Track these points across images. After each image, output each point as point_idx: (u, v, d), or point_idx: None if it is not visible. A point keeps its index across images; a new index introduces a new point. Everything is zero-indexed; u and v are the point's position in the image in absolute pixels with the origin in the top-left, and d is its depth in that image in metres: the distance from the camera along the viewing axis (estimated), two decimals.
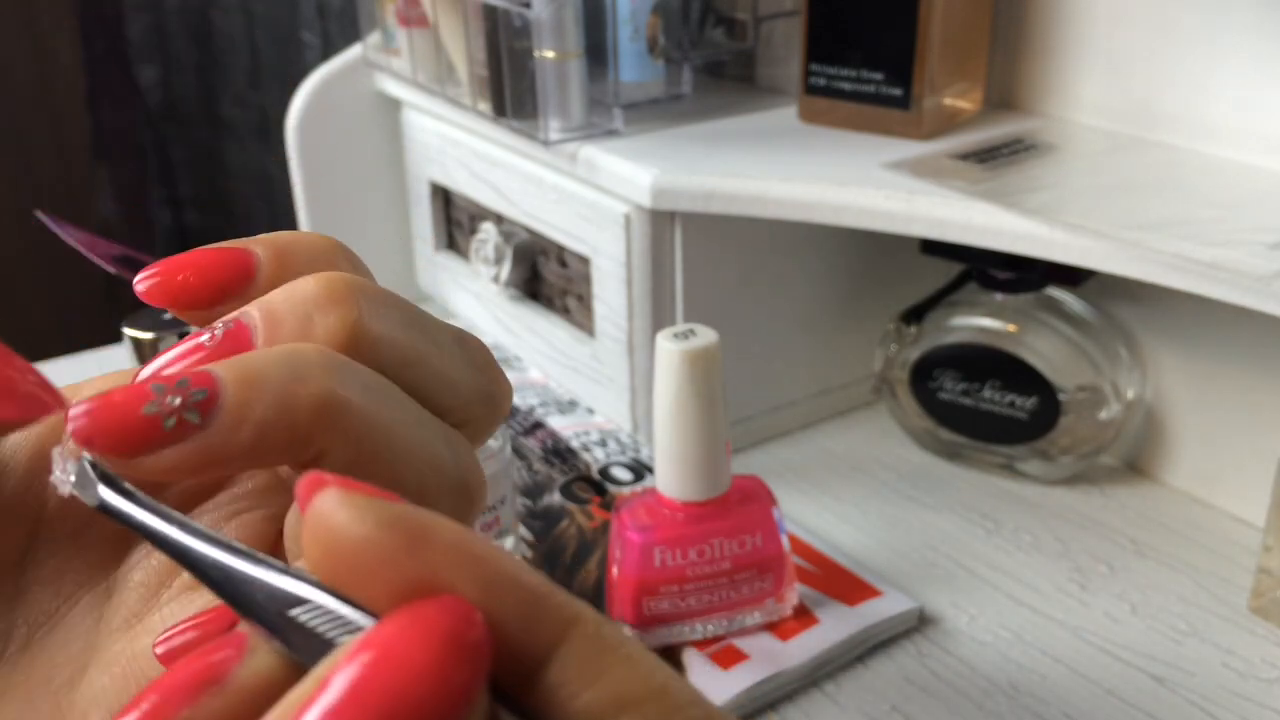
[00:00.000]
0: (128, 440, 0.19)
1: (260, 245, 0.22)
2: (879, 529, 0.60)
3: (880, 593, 0.53)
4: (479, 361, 0.23)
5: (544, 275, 0.71)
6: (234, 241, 0.22)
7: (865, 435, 0.68)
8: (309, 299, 0.20)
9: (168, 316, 0.53)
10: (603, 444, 0.65)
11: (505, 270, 0.72)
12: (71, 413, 0.19)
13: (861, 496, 0.62)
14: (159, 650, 0.19)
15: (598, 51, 0.63)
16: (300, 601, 0.17)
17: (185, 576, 0.22)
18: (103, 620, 0.22)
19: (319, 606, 0.16)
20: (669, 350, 0.46)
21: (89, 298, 1.54)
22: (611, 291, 0.63)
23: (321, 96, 0.79)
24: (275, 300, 0.21)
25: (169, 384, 0.19)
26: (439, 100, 0.72)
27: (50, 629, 0.21)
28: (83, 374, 0.47)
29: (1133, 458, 0.64)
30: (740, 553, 0.49)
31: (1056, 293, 0.61)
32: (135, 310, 0.54)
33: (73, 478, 0.19)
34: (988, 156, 0.58)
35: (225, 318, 0.21)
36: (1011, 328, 0.60)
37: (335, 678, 0.15)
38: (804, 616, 0.51)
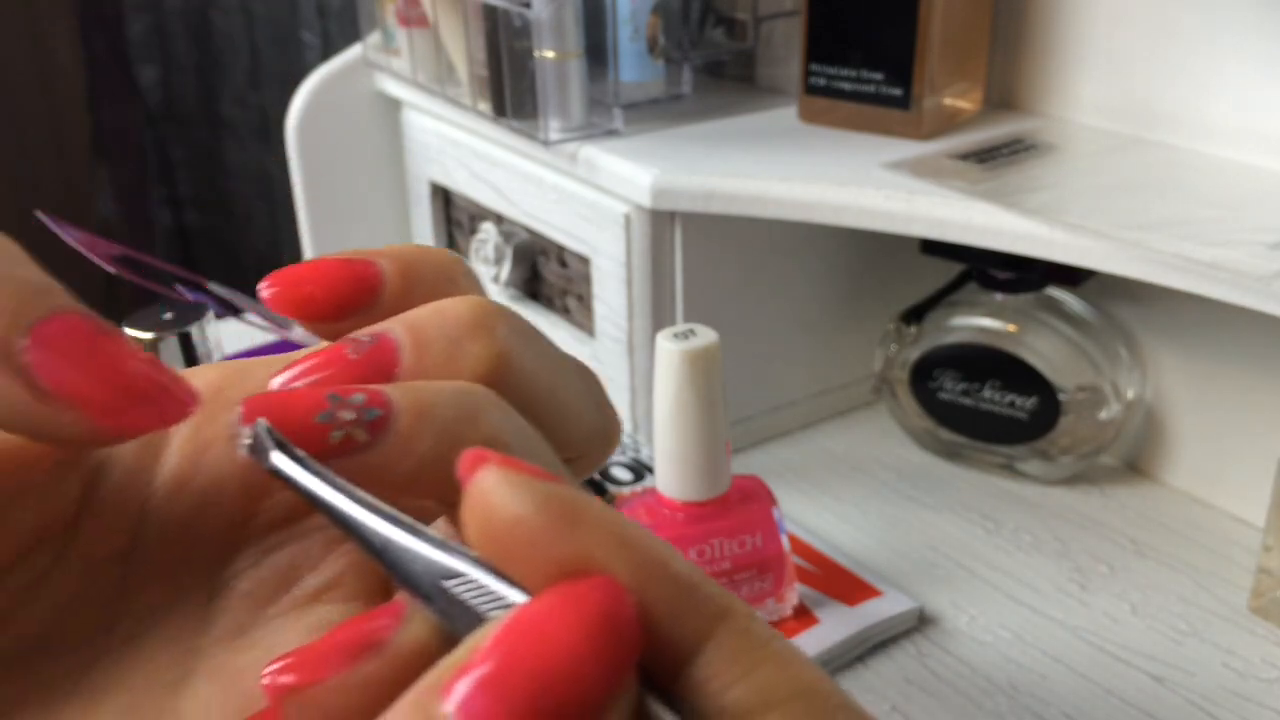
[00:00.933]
0: (293, 442, 0.19)
1: (386, 259, 0.22)
2: (879, 529, 0.60)
3: (880, 593, 0.53)
4: (599, 398, 0.23)
5: (544, 275, 0.71)
6: (358, 252, 0.22)
7: (865, 435, 0.68)
8: (458, 324, 0.21)
9: (167, 317, 0.53)
10: None
11: (505, 270, 0.72)
12: (247, 403, 0.19)
13: (861, 496, 0.62)
14: (265, 682, 0.19)
15: (598, 51, 0.63)
16: (455, 574, 0.17)
17: (294, 593, 0.22)
18: (205, 626, 0.21)
19: (472, 580, 0.17)
20: (669, 350, 0.46)
21: (89, 298, 1.53)
22: (611, 291, 0.63)
23: (321, 96, 0.79)
24: (423, 321, 0.21)
25: (344, 396, 0.19)
26: (439, 100, 0.72)
27: (152, 628, 0.21)
28: None
29: (1133, 458, 0.64)
30: (740, 553, 0.49)
31: (1056, 293, 0.61)
32: (135, 310, 0.54)
33: (248, 441, 0.19)
34: (988, 156, 0.58)
35: (368, 330, 0.21)
36: (1011, 328, 0.60)
37: (489, 650, 0.15)
38: (804, 616, 0.51)
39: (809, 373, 0.69)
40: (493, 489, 0.16)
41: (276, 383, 0.21)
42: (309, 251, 0.82)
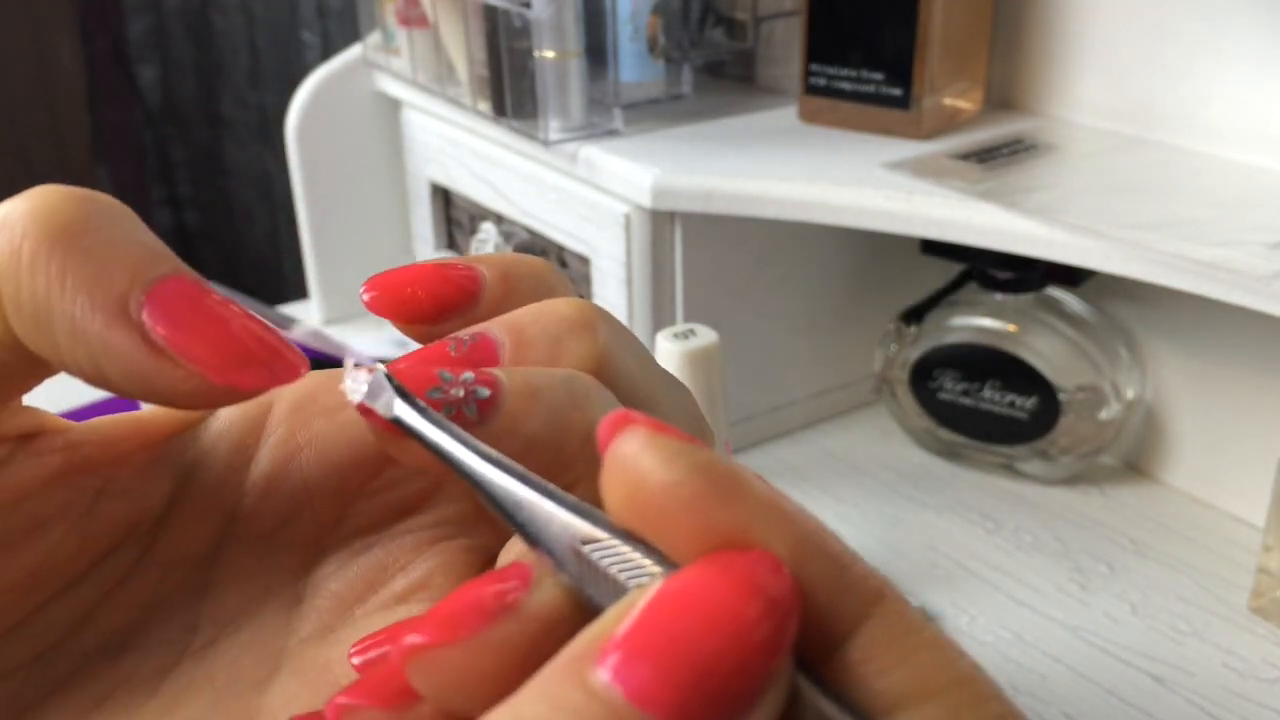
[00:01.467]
0: None
1: (486, 265, 0.22)
2: (879, 529, 0.60)
3: None
4: (692, 410, 0.23)
5: None
6: (459, 259, 0.22)
7: (865, 435, 0.68)
8: (560, 323, 0.20)
9: None
10: None
11: None
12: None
13: (861, 496, 0.62)
14: (355, 660, 0.19)
15: (598, 51, 0.63)
16: (594, 539, 0.16)
17: (382, 594, 0.22)
18: (290, 627, 0.21)
19: (612, 546, 0.16)
20: (669, 350, 0.46)
21: None
22: (611, 291, 0.63)
23: (321, 96, 0.79)
24: (523, 320, 0.21)
25: (455, 374, 0.19)
26: (439, 100, 0.72)
27: (236, 629, 0.21)
28: None
29: (1133, 458, 0.64)
30: None
31: (1056, 293, 0.61)
32: None
33: (365, 387, 0.18)
34: (988, 156, 0.58)
35: (469, 330, 0.21)
36: (1011, 328, 0.60)
37: (646, 617, 0.14)
38: None
39: (809, 373, 0.69)
40: (639, 454, 0.15)
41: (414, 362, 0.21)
42: (309, 252, 0.82)
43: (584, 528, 0.16)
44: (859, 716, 0.15)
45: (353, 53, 0.79)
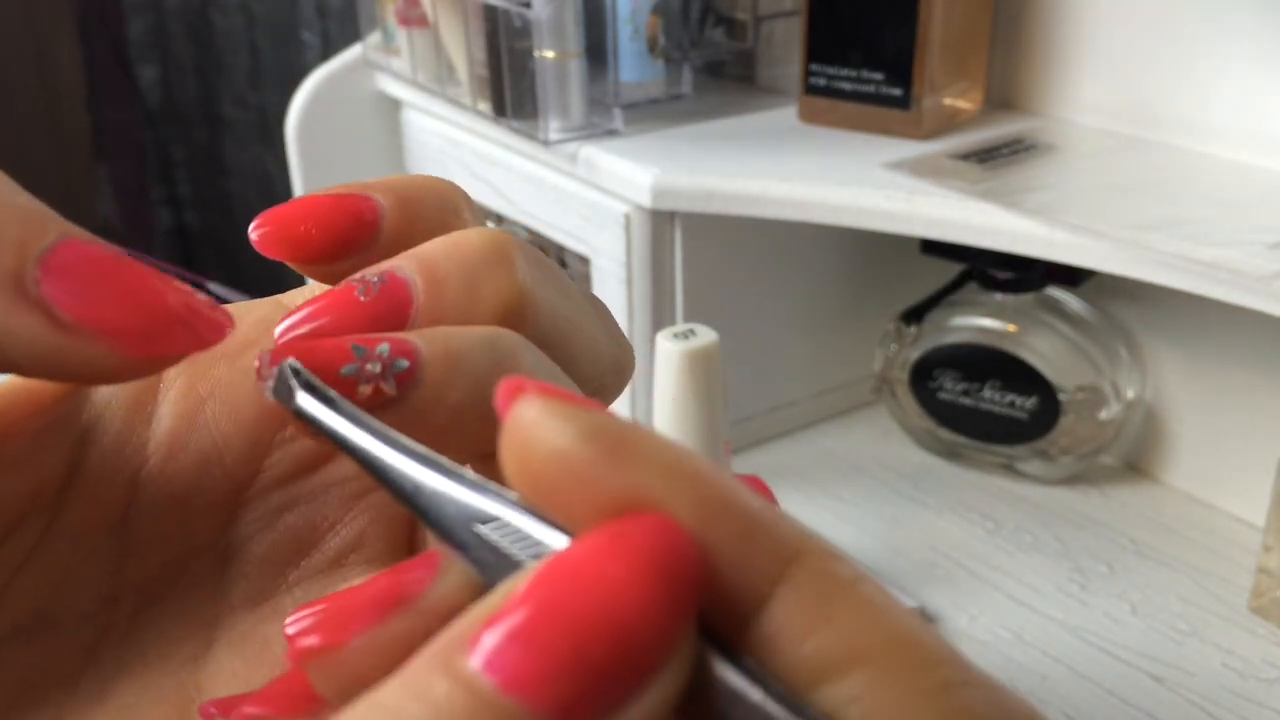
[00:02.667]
0: None
1: (381, 192, 0.20)
2: (879, 529, 0.60)
3: None
4: (611, 328, 0.22)
5: None
6: (352, 186, 0.20)
7: (865, 435, 0.68)
8: (474, 257, 0.19)
9: None
10: None
11: None
12: (275, 349, 0.18)
13: (861, 496, 0.62)
14: (289, 630, 0.18)
15: (598, 51, 0.63)
16: (490, 518, 0.15)
17: (314, 556, 0.20)
18: (220, 594, 0.20)
19: (510, 524, 0.15)
20: (669, 350, 0.46)
21: None
22: (611, 291, 0.63)
23: (321, 96, 0.79)
24: (435, 255, 0.19)
25: (370, 347, 0.18)
26: (439, 100, 0.72)
27: (159, 600, 0.20)
28: None
29: (1133, 458, 0.64)
30: None
31: (1056, 293, 0.61)
32: None
33: (272, 383, 0.17)
34: (988, 156, 0.58)
35: (375, 269, 0.19)
36: (1011, 328, 0.60)
37: (523, 596, 0.13)
38: None
39: (809, 373, 0.69)
40: (533, 420, 0.14)
41: (279, 331, 0.19)
42: None
43: (482, 506, 0.15)
44: (776, 691, 0.13)
45: (353, 53, 0.79)
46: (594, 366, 0.21)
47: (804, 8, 0.62)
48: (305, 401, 0.17)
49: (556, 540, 0.15)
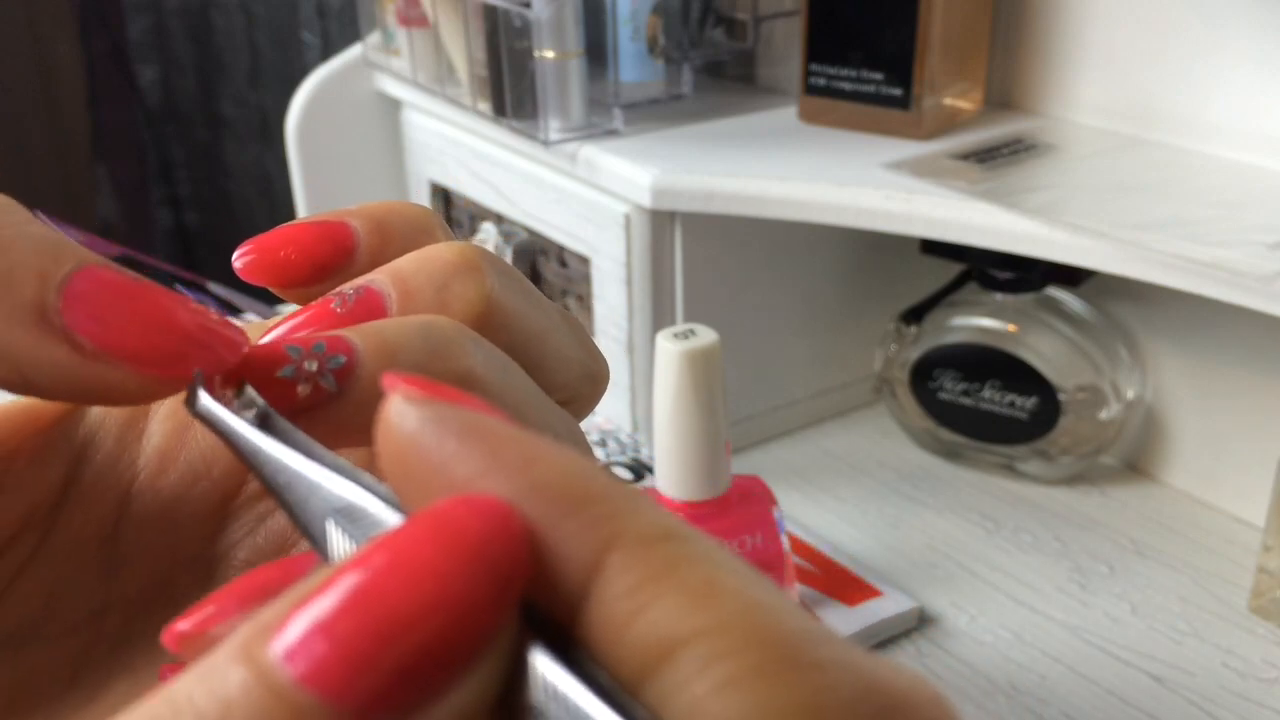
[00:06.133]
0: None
1: (357, 218, 0.21)
2: (879, 529, 0.60)
3: (880, 593, 0.53)
4: (584, 340, 0.22)
5: (544, 275, 0.71)
6: (329, 215, 0.21)
7: (865, 435, 0.68)
8: (444, 268, 0.20)
9: None
10: (603, 444, 0.65)
11: None
12: (206, 367, 0.18)
13: (861, 496, 0.62)
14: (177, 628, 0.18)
15: (598, 51, 0.63)
16: (348, 508, 0.15)
17: (293, 556, 0.21)
18: None
19: (359, 517, 0.15)
20: (669, 350, 0.46)
21: None
22: (611, 291, 0.63)
23: (321, 96, 0.79)
24: (407, 269, 0.20)
25: (305, 347, 0.18)
26: (439, 100, 0.72)
27: (147, 610, 0.21)
28: None
29: (1133, 458, 0.64)
30: (740, 553, 0.49)
31: (1056, 293, 0.61)
32: None
33: (186, 394, 0.17)
34: (988, 156, 0.58)
35: (352, 284, 0.20)
36: (1011, 328, 0.60)
37: (330, 581, 0.12)
38: None
39: (809, 373, 0.69)
40: (389, 411, 0.14)
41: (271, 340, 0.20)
42: None
43: (341, 498, 0.15)
44: (599, 687, 0.12)
45: (353, 53, 0.79)
46: (564, 374, 0.21)
47: (804, 8, 0.62)
48: (205, 403, 0.17)
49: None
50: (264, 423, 0.17)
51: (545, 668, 0.13)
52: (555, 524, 0.13)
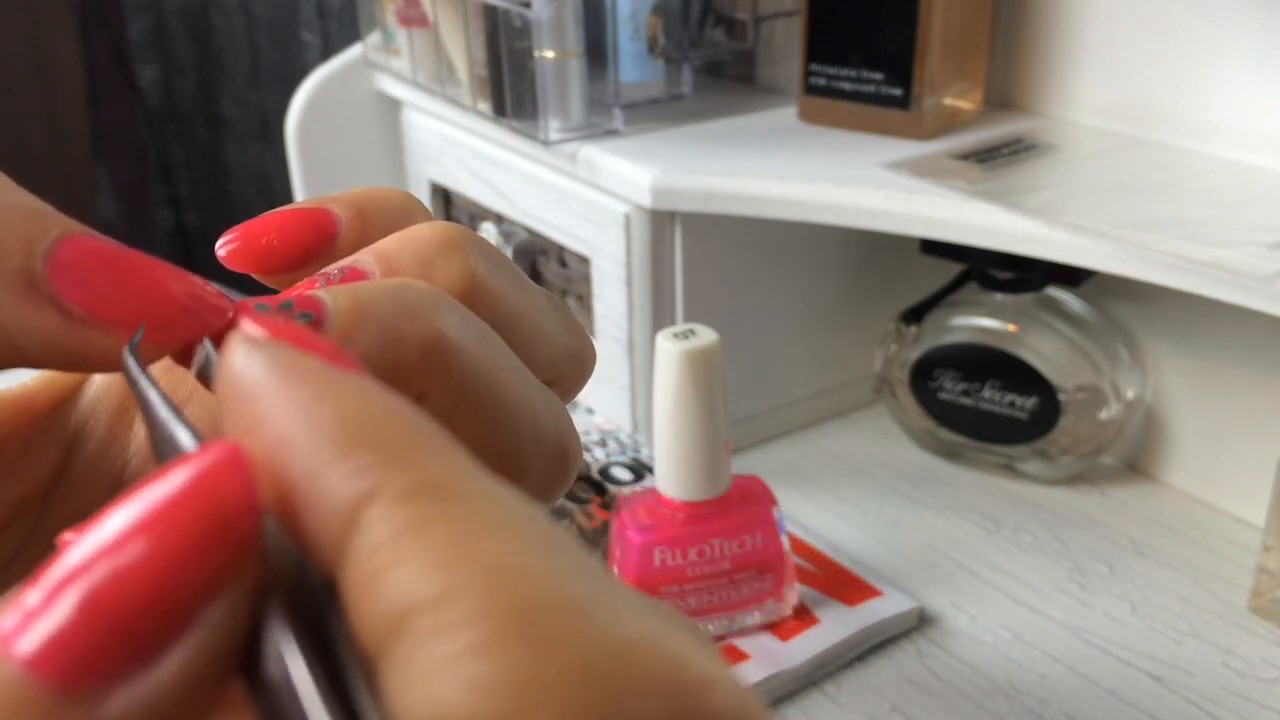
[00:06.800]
0: None
1: (339, 205, 0.21)
2: (879, 529, 0.60)
3: (880, 593, 0.53)
4: (569, 321, 0.22)
5: (544, 275, 0.71)
6: (311, 201, 0.21)
7: (865, 435, 0.68)
8: (427, 246, 0.20)
9: None
10: (603, 444, 0.65)
11: None
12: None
13: (861, 496, 0.62)
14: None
15: (598, 51, 0.63)
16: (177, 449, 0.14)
17: None
18: None
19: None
20: (669, 350, 0.46)
21: None
22: (611, 291, 0.63)
23: (321, 96, 0.79)
24: (391, 248, 0.20)
25: (272, 306, 0.18)
26: (439, 100, 0.72)
27: None
28: None
29: (1133, 458, 0.64)
30: (740, 553, 0.49)
31: (1056, 293, 0.61)
32: None
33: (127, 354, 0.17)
34: (988, 156, 0.58)
35: (337, 264, 0.20)
36: (1011, 328, 0.60)
37: (62, 557, 0.12)
38: (804, 616, 0.51)
39: (809, 373, 0.69)
40: (229, 348, 0.14)
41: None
42: None
43: (178, 442, 0.15)
44: (329, 673, 0.12)
45: (353, 53, 0.79)
46: (548, 354, 0.21)
47: (804, 8, 0.62)
48: (130, 365, 0.17)
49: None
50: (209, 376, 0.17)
51: (281, 640, 0.12)
52: (320, 470, 0.12)
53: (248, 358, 0.14)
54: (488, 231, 0.73)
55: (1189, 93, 0.57)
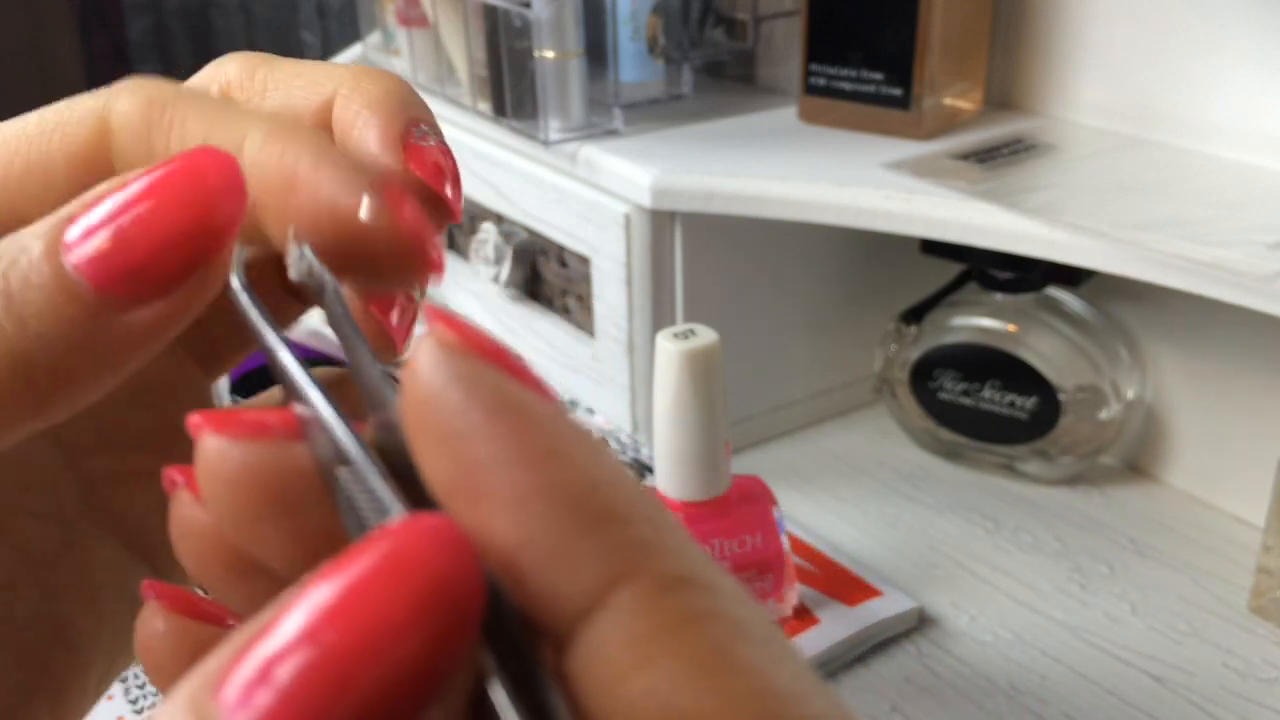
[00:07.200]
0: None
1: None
2: (879, 529, 0.60)
3: (880, 593, 0.53)
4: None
5: (544, 275, 0.71)
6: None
7: (865, 435, 0.68)
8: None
9: None
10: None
11: (505, 270, 0.72)
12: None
13: (861, 496, 0.62)
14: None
15: (598, 51, 0.63)
16: (349, 462, 0.14)
17: None
18: None
19: (359, 473, 0.14)
20: (669, 350, 0.46)
21: None
22: (611, 291, 0.63)
23: None
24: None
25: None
26: (439, 100, 0.72)
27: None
28: None
29: (1133, 458, 0.64)
30: (740, 553, 0.49)
31: (1056, 293, 0.61)
32: None
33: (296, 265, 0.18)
34: (988, 156, 0.58)
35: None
36: (1011, 328, 0.60)
37: (278, 625, 0.12)
38: (804, 616, 0.51)
39: (809, 373, 0.69)
40: (423, 358, 0.13)
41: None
42: None
43: (346, 453, 0.14)
44: None
45: (353, 53, 0.79)
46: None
47: (804, 8, 0.62)
48: (240, 296, 0.17)
49: (399, 508, 0.13)
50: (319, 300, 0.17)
51: (504, 710, 0.12)
52: (565, 537, 0.12)
53: (452, 378, 0.13)
54: (488, 231, 0.73)
55: (1189, 93, 0.57)
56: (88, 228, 0.16)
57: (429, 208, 0.20)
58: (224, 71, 0.22)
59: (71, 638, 0.21)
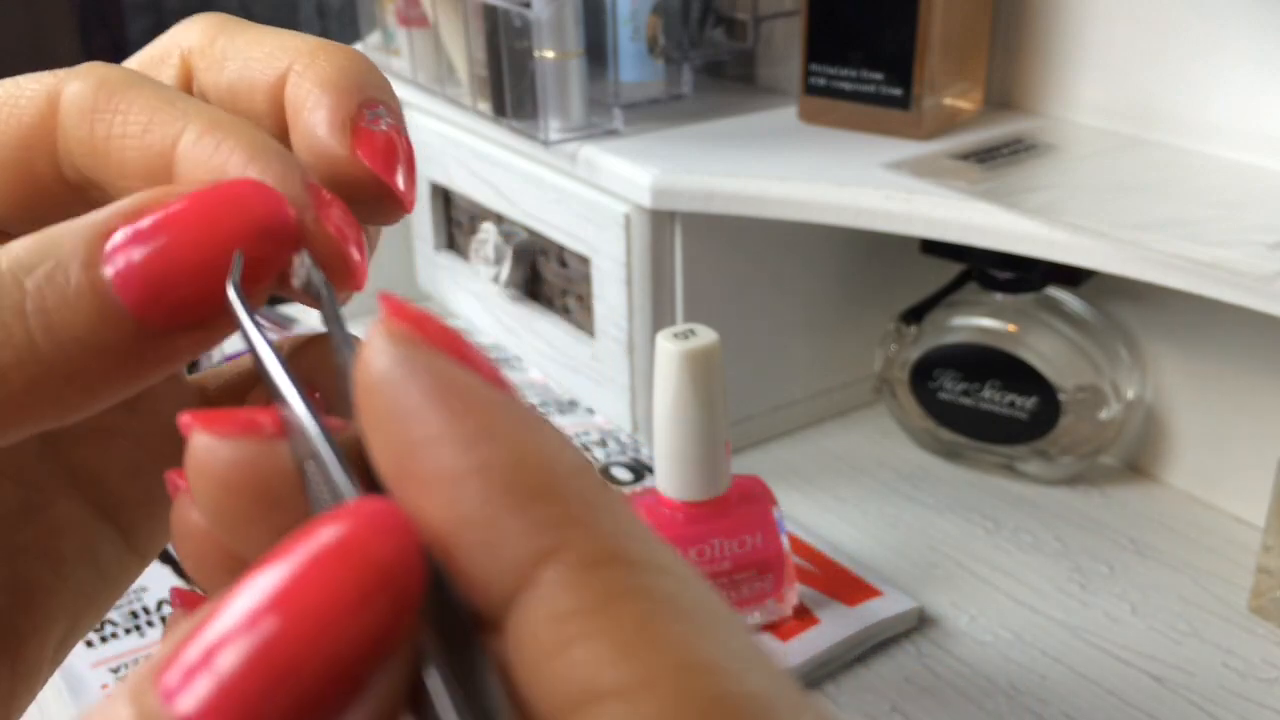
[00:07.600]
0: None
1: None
2: (879, 529, 0.60)
3: (880, 593, 0.53)
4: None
5: (544, 275, 0.71)
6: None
7: (865, 435, 0.68)
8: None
9: None
10: (602, 444, 0.65)
11: (505, 270, 0.72)
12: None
13: (861, 496, 0.62)
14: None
15: (598, 51, 0.63)
16: (314, 456, 0.14)
17: None
18: None
19: (323, 465, 0.14)
20: (669, 350, 0.46)
21: None
22: (611, 291, 0.63)
23: None
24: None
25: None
26: (439, 100, 0.72)
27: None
28: None
29: (1133, 458, 0.64)
30: (740, 553, 0.49)
31: (1056, 293, 0.61)
32: None
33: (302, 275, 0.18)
34: (988, 156, 0.58)
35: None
36: (1011, 328, 0.60)
37: (219, 615, 0.12)
38: (804, 617, 0.51)
39: (809, 373, 0.69)
40: (371, 346, 0.13)
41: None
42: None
43: (313, 448, 0.14)
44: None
45: None
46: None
47: (804, 8, 0.62)
48: (235, 306, 0.17)
49: (348, 496, 0.13)
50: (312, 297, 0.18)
51: (438, 696, 0.12)
52: (496, 517, 0.12)
53: (395, 363, 0.13)
54: (488, 231, 0.73)
55: (1189, 93, 0.57)
56: (127, 244, 0.17)
57: (373, 205, 0.20)
58: (187, 35, 0.22)
59: (33, 598, 0.20)
